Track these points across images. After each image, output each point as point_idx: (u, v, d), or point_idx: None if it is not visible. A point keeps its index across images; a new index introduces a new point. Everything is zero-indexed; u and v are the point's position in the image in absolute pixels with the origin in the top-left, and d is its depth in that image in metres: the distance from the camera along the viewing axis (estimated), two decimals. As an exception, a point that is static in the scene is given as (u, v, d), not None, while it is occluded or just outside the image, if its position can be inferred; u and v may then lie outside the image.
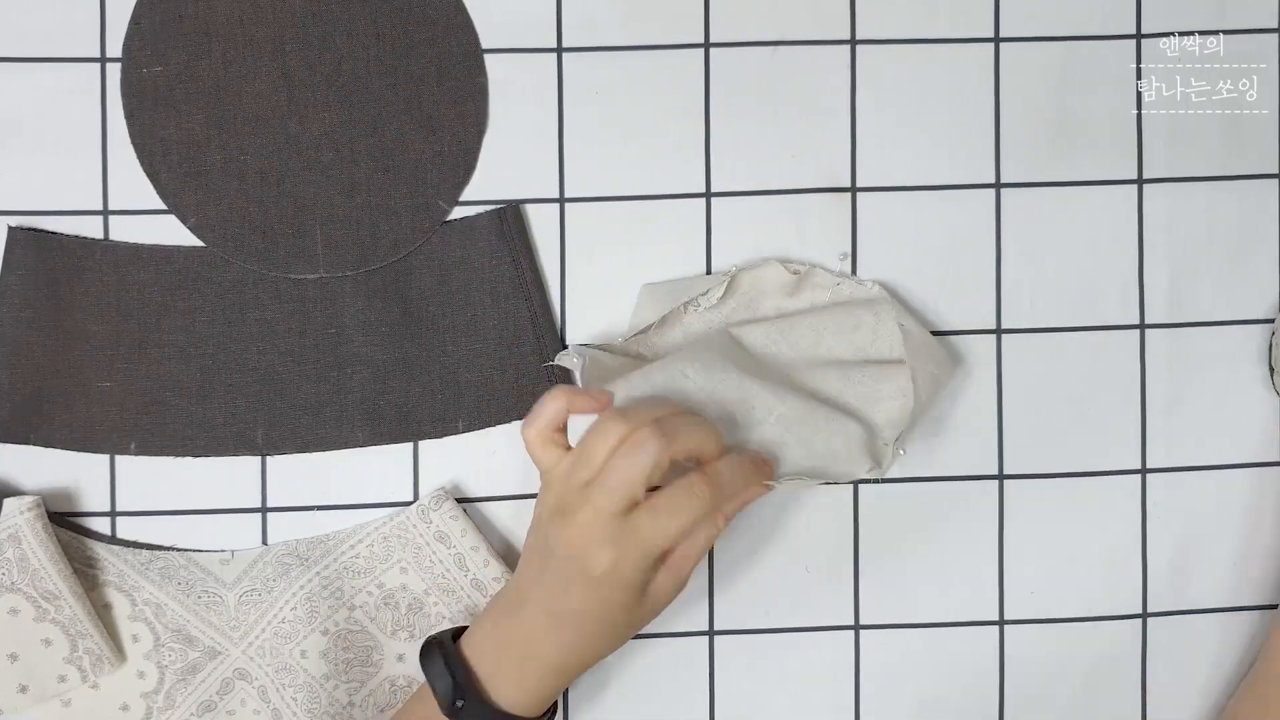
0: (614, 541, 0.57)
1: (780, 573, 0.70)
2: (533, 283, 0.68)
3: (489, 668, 0.60)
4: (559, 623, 0.59)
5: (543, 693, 0.61)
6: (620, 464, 0.57)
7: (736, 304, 0.68)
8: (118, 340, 0.67)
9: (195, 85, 0.67)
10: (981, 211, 0.70)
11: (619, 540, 0.57)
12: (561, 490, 0.59)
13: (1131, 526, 0.71)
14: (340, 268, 0.68)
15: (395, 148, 0.68)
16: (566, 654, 0.60)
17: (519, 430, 0.61)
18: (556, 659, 0.60)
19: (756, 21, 0.69)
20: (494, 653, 0.61)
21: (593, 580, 0.58)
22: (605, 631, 0.60)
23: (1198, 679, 0.72)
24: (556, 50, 0.68)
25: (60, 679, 0.66)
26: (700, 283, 0.68)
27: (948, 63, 0.70)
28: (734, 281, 0.68)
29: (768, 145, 0.69)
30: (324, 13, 0.67)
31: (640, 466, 0.57)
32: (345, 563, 0.68)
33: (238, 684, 0.68)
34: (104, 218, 0.67)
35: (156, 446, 0.67)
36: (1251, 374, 0.71)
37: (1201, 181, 0.71)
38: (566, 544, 0.58)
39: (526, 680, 0.60)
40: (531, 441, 0.60)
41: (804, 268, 0.68)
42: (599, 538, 0.57)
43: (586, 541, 0.57)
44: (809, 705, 0.70)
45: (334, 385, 0.68)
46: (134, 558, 0.67)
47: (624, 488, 0.57)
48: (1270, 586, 0.72)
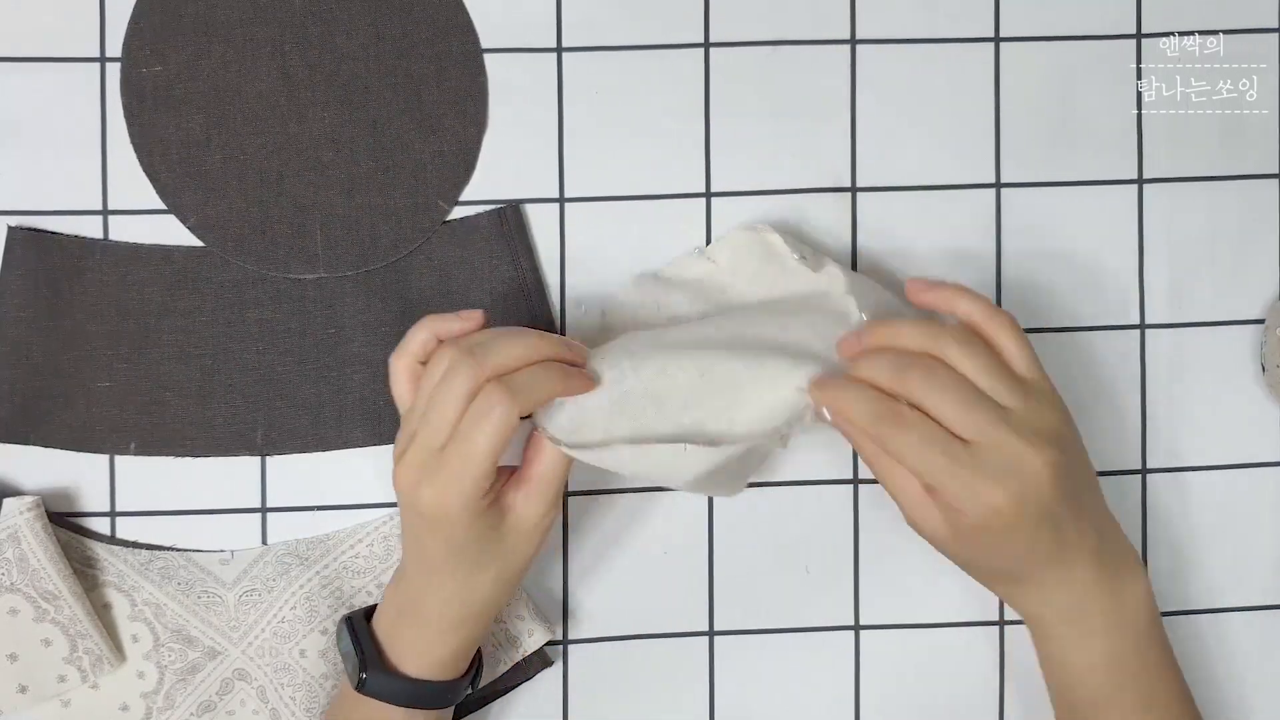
0: (434, 477, 0.55)
1: (780, 573, 0.70)
2: (533, 283, 0.68)
3: (390, 637, 0.60)
4: (431, 574, 0.59)
5: (444, 651, 0.60)
6: (437, 394, 0.56)
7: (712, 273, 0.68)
8: (117, 340, 0.67)
9: (195, 85, 0.67)
10: (981, 211, 0.70)
11: (437, 474, 0.55)
12: (402, 437, 0.57)
13: (1131, 526, 0.71)
14: (340, 268, 0.68)
15: (395, 148, 0.68)
16: (451, 605, 0.59)
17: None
18: (443, 612, 0.59)
19: (756, 21, 0.69)
20: (394, 621, 0.61)
21: (432, 521, 0.56)
22: (475, 571, 0.58)
23: (1198, 679, 0.71)
24: (556, 50, 0.68)
25: (60, 679, 0.66)
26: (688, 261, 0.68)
27: (948, 63, 0.70)
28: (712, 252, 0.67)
29: (768, 145, 0.69)
30: (324, 13, 0.67)
31: (452, 395, 0.55)
32: (345, 563, 0.68)
33: (237, 684, 0.67)
34: (104, 217, 0.67)
35: (156, 446, 0.67)
36: (1252, 374, 0.71)
37: (1201, 181, 0.71)
38: (401, 490, 0.57)
39: (423, 641, 0.60)
40: (397, 372, 0.59)
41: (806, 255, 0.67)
42: (422, 476, 0.56)
43: (414, 482, 0.56)
44: (809, 705, 0.70)
45: (334, 385, 0.68)
46: (133, 558, 0.67)
47: (440, 418, 0.55)
48: (1270, 586, 0.72)
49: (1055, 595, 0.59)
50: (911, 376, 0.55)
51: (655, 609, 0.70)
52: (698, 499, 0.69)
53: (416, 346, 0.59)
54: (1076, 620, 0.59)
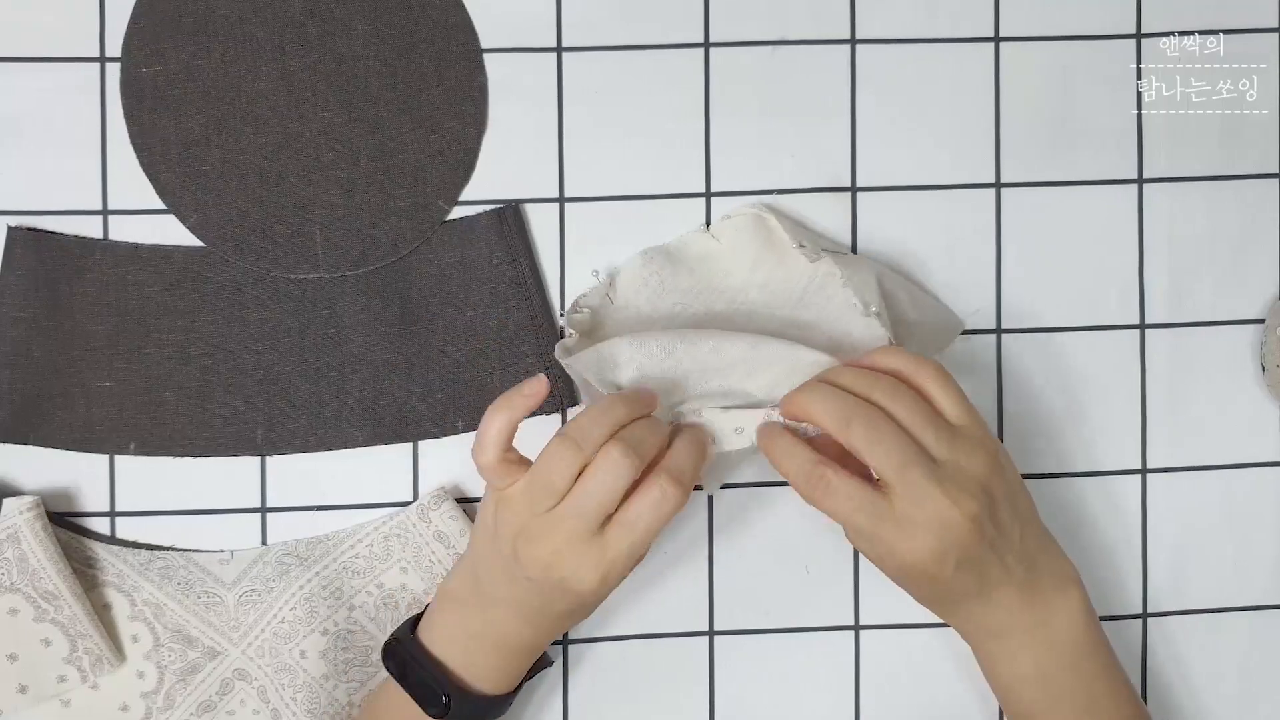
0: (595, 563, 0.57)
1: (780, 573, 0.70)
2: (533, 283, 0.68)
3: (462, 660, 0.61)
4: (536, 621, 0.61)
5: (517, 672, 0.63)
6: (592, 486, 0.57)
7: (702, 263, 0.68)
8: (117, 340, 0.67)
9: (195, 85, 0.67)
10: (981, 211, 0.70)
11: (599, 561, 0.57)
12: (524, 518, 0.58)
13: (1132, 526, 0.71)
14: (340, 268, 0.68)
15: (395, 148, 0.68)
16: (540, 639, 0.62)
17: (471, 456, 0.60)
18: (530, 643, 0.62)
19: (756, 21, 0.69)
20: (465, 644, 0.62)
21: (580, 596, 0.58)
22: (578, 619, 0.63)
23: (1198, 679, 0.72)
24: (556, 50, 0.68)
25: (60, 679, 0.66)
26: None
27: (948, 63, 0.70)
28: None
29: (768, 145, 0.69)
30: (324, 13, 0.67)
31: (611, 487, 0.57)
32: (345, 563, 0.68)
33: (237, 684, 0.67)
34: (104, 217, 0.67)
35: (156, 446, 0.67)
36: (1251, 374, 0.71)
37: (1201, 181, 0.71)
38: (542, 566, 0.58)
39: (501, 663, 0.62)
40: (488, 468, 0.59)
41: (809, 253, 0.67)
42: (579, 561, 0.57)
43: (568, 566, 0.57)
44: (809, 705, 0.70)
45: (334, 385, 0.68)
46: (133, 558, 0.67)
47: (598, 509, 0.57)
48: (1270, 586, 0.72)
49: (977, 618, 0.61)
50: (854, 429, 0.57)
51: (655, 609, 0.70)
52: (698, 498, 0.69)
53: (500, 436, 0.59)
54: (1001, 637, 0.61)
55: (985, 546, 0.58)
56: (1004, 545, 0.58)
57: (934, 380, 0.59)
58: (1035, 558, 0.60)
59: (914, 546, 0.57)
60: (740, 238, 0.68)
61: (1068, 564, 0.61)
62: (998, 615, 0.60)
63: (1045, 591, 0.60)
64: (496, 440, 0.59)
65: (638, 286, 0.68)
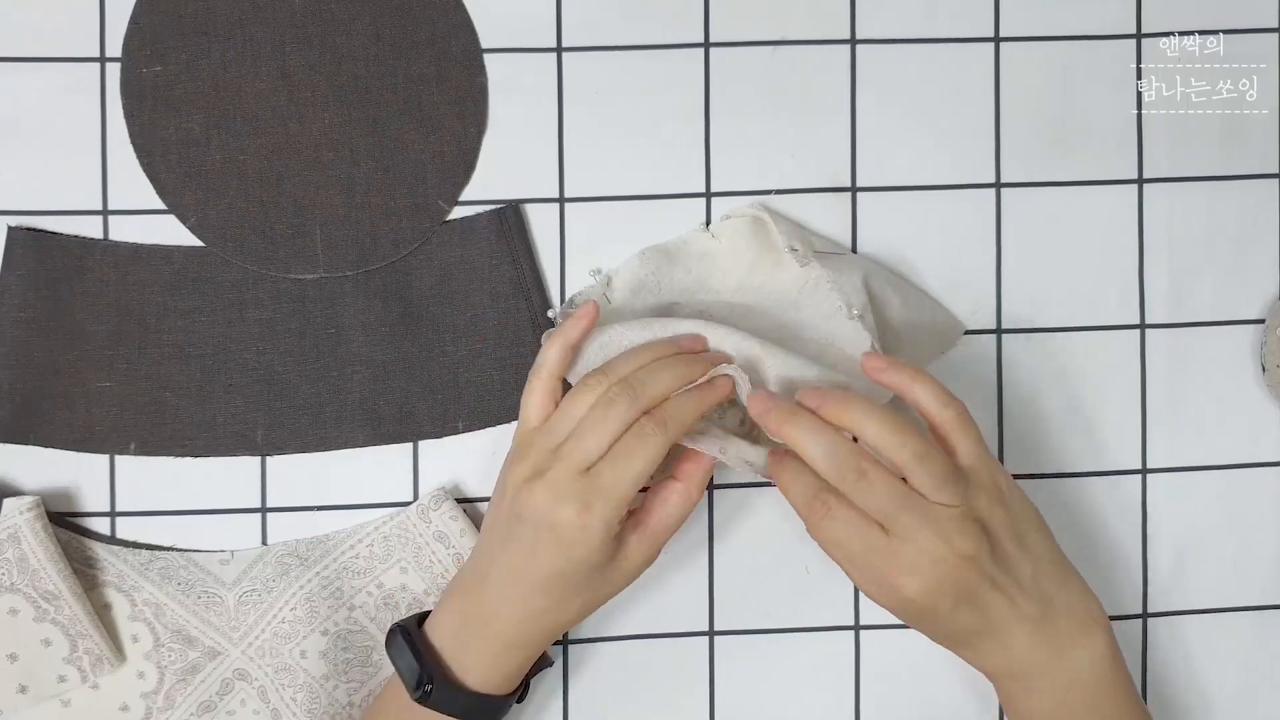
0: (579, 495, 0.57)
1: (780, 573, 0.70)
2: (533, 283, 0.68)
3: (454, 648, 0.61)
4: (525, 589, 0.59)
5: (510, 668, 0.61)
6: (592, 419, 0.58)
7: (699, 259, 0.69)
8: (117, 340, 0.67)
9: (195, 85, 0.67)
10: (981, 211, 0.70)
11: (584, 493, 0.57)
12: (537, 455, 0.59)
13: (1132, 526, 0.71)
14: (340, 268, 0.68)
15: (395, 148, 0.68)
16: (532, 623, 0.60)
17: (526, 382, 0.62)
18: (520, 630, 0.60)
19: (756, 21, 0.69)
20: (458, 632, 0.61)
21: (562, 539, 0.58)
22: (571, 595, 0.60)
23: (1198, 679, 0.72)
24: (556, 50, 0.68)
25: (60, 679, 0.66)
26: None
27: (948, 63, 0.70)
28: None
29: (768, 145, 0.69)
30: (324, 13, 0.67)
31: (610, 423, 0.58)
32: (345, 563, 0.68)
33: (237, 684, 0.67)
34: (104, 217, 0.67)
35: (156, 446, 0.67)
36: (1251, 374, 0.71)
37: (1201, 181, 0.71)
38: (535, 506, 0.58)
39: (492, 655, 0.61)
40: (535, 390, 0.61)
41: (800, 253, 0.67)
42: (566, 493, 0.57)
43: (555, 498, 0.58)
44: (809, 705, 0.70)
45: (334, 385, 0.68)
46: (134, 558, 0.67)
47: (595, 443, 0.58)
48: (1270, 586, 0.72)
49: (993, 658, 0.60)
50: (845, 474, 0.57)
51: (655, 609, 0.70)
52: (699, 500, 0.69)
53: (556, 364, 0.62)
54: (1018, 677, 0.60)
55: (986, 585, 0.57)
56: (1009, 584, 0.58)
57: (954, 420, 0.59)
58: (1052, 596, 0.59)
59: (905, 583, 0.57)
60: (739, 239, 0.68)
61: (1093, 603, 0.61)
62: (1012, 654, 0.59)
63: (1064, 631, 0.59)
64: (554, 366, 0.61)
65: (635, 286, 0.68)
